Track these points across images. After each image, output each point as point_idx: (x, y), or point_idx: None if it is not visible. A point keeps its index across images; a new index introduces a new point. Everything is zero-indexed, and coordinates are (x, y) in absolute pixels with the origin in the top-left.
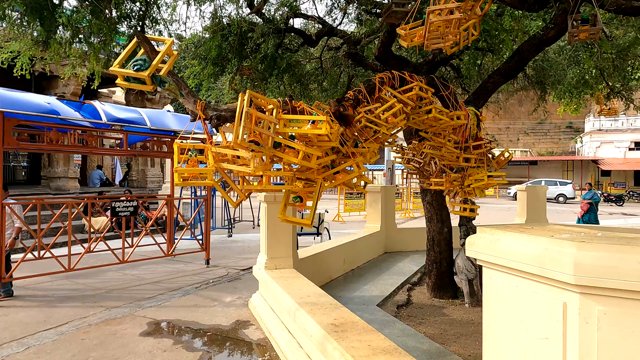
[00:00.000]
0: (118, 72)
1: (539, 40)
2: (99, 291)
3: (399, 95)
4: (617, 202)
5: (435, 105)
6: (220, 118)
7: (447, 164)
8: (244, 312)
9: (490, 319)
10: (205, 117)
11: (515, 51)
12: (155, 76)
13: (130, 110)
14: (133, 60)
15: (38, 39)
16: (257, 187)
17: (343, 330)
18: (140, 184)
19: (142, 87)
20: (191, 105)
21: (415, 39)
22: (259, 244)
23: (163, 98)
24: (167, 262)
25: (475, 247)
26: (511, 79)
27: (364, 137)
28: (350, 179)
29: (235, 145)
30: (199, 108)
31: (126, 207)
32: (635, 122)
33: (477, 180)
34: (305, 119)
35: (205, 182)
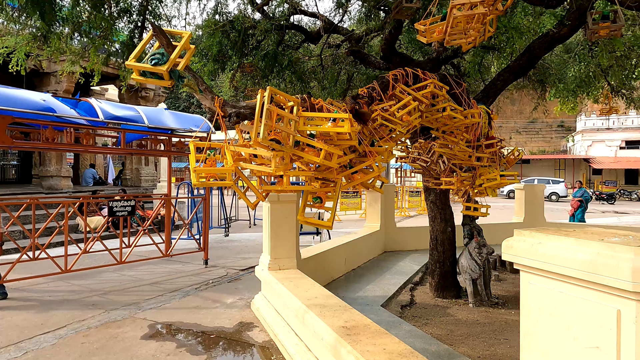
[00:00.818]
0: (134, 66)
1: (551, 37)
2: (96, 293)
3: (413, 92)
4: (609, 200)
5: (450, 103)
6: (240, 115)
7: (458, 163)
8: (246, 314)
9: (530, 326)
10: (224, 114)
11: (526, 49)
12: (174, 71)
13: (127, 108)
14: (150, 54)
15: (37, 34)
16: (276, 187)
17: (356, 333)
18: (134, 183)
19: (159, 83)
20: (209, 102)
21: (434, 34)
22: (256, 243)
23: (157, 96)
24: (165, 262)
25: (514, 251)
26: (521, 77)
27: (380, 135)
28: (369, 179)
29: (255, 143)
30: (217, 105)
31: (124, 206)
32: (625, 121)
33: (490, 179)
34: (327, 117)
35: (224, 183)
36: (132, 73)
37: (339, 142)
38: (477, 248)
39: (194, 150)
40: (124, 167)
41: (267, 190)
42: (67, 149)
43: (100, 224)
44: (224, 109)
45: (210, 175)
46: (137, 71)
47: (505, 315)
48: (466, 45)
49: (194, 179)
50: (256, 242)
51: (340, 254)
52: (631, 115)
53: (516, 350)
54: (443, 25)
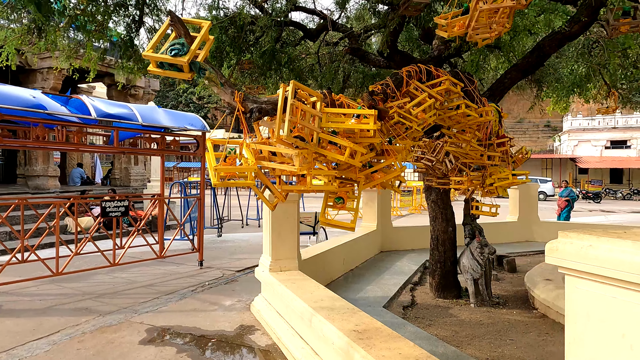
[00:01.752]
0: (152, 57)
1: (561, 35)
2: (89, 296)
3: (428, 89)
4: (595, 199)
5: (466, 101)
6: (262, 111)
7: (469, 162)
8: (246, 317)
9: (577, 334)
10: (244, 110)
11: (535, 47)
12: (195, 63)
13: (121, 106)
14: (169, 44)
15: (31, 26)
16: (298, 187)
17: (368, 337)
18: (123, 183)
19: (178, 75)
20: (228, 96)
21: (455, 29)
22: (250, 244)
23: (147, 94)
24: (158, 263)
25: (559, 254)
26: (529, 75)
27: (396, 133)
28: (390, 178)
29: (278, 141)
30: (238, 100)
31: (117, 207)
32: (611, 121)
33: (501, 178)
34: (352, 113)
35: (245, 183)
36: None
37: (361, 139)
38: (479, 248)
39: (212, 148)
40: (112, 166)
41: (287, 191)
42: (59, 148)
43: (90, 225)
44: (245, 104)
45: (230, 174)
46: (154, 63)
47: (508, 315)
48: (481, 42)
49: (213, 178)
50: (250, 242)
51: (339, 254)
52: (616, 115)
53: (523, 351)
54: (464, 20)
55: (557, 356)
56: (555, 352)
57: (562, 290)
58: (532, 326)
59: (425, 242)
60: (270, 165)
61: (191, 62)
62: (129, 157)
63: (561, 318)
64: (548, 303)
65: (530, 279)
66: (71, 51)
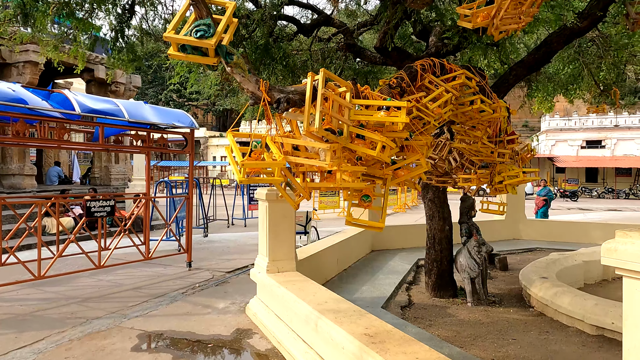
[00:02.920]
0: (174, 39)
1: (570, 31)
2: (73, 300)
3: (443, 83)
4: (572, 197)
5: (481, 96)
6: (290, 101)
7: (478, 160)
8: (242, 320)
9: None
10: (271, 100)
11: (542, 42)
12: (221, 46)
13: (106, 101)
14: (194, 25)
15: (17, 11)
16: (327, 184)
17: (381, 341)
18: (103, 182)
19: (202, 60)
20: (252, 85)
21: (479, 19)
22: (238, 244)
23: (128, 90)
24: (144, 265)
25: (618, 255)
26: (534, 72)
27: (415, 128)
28: (415, 175)
29: (307, 133)
30: (263, 89)
31: (102, 207)
32: (587, 121)
33: (511, 176)
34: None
35: (273, 179)
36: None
37: (388, 133)
38: (477, 246)
39: (234, 142)
40: (92, 165)
41: (312, 188)
42: (41, 145)
43: (70, 226)
44: (271, 94)
45: (255, 170)
46: (175, 45)
47: (505, 314)
48: (497, 35)
49: (238, 175)
50: (237, 242)
51: (333, 254)
52: (591, 116)
53: (527, 351)
54: (489, 10)
55: (560, 355)
56: (558, 351)
57: (560, 288)
58: (531, 325)
59: (416, 240)
60: (299, 161)
61: (218, 45)
62: (110, 155)
63: (559, 316)
64: (546, 301)
65: (526, 277)
66: (58, 40)
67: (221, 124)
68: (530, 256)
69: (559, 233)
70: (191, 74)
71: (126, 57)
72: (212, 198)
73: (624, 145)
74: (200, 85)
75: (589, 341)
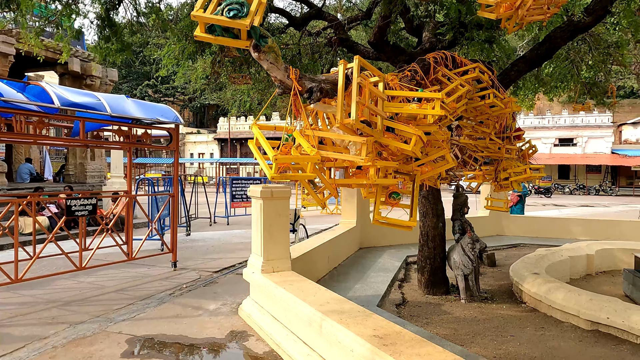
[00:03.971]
0: (204, 18)
1: (574, 26)
2: (53, 304)
3: (457, 77)
4: (546, 194)
5: (494, 90)
6: (322, 91)
7: (486, 156)
8: (236, 322)
9: None
10: (301, 89)
11: (546, 38)
12: (255, 28)
13: (86, 94)
14: (226, 3)
15: None
16: (358, 180)
17: (392, 342)
18: (78, 179)
19: (232, 43)
20: (281, 73)
21: (502, 10)
22: (222, 242)
23: (104, 84)
24: (127, 266)
25: None
26: (536, 68)
27: None
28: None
29: (341, 126)
30: (293, 77)
31: (83, 205)
32: (559, 120)
33: (517, 172)
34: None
35: (306, 176)
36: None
37: (418, 127)
38: (471, 243)
39: (261, 134)
40: (66, 161)
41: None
42: (16, 140)
43: (45, 225)
44: (301, 83)
45: (285, 165)
46: (202, 25)
47: (499, 310)
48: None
49: (269, 170)
50: (222, 241)
51: (324, 252)
52: (564, 114)
53: (527, 348)
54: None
55: (559, 351)
56: (556, 347)
57: (553, 284)
58: (526, 321)
59: (403, 237)
60: (335, 156)
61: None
62: (85, 152)
63: (553, 312)
64: (539, 297)
65: (517, 273)
66: (40, 28)
67: (198, 121)
68: (515, 252)
69: (541, 229)
70: (179, 67)
71: (115, 46)
72: (195, 195)
73: (594, 143)
74: (186, 79)
75: (585, 336)
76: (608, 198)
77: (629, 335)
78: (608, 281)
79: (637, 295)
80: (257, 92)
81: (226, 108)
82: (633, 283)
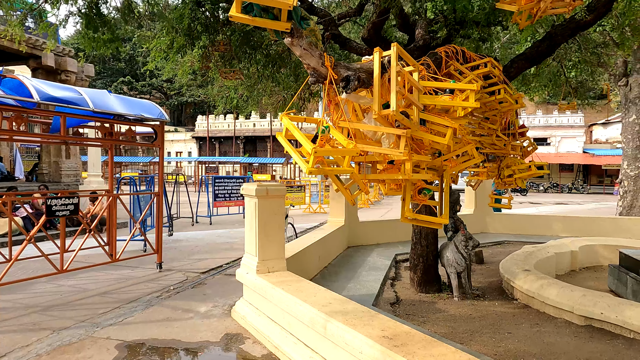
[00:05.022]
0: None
1: (575, 24)
2: (34, 309)
3: (468, 72)
4: (522, 192)
5: (505, 86)
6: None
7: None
8: (230, 324)
9: None
10: (337, 78)
11: (546, 35)
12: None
13: (67, 89)
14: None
15: None
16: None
17: (403, 343)
18: (52, 178)
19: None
20: (315, 60)
21: (523, 2)
22: (206, 242)
23: (80, 80)
24: (109, 268)
25: None
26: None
27: None
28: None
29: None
30: (329, 65)
31: (65, 205)
32: (534, 120)
33: (521, 169)
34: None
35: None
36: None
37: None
38: (464, 241)
39: (294, 126)
40: (40, 160)
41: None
42: None
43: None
44: (337, 71)
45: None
46: (239, 4)
47: (492, 307)
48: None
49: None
50: (206, 241)
51: (315, 251)
52: (538, 114)
53: (526, 345)
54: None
55: (557, 347)
56: (554, 342)
57: (545, 280)
58: (521, 317)
59: (391, 236)
60: (374, 149)
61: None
62: (60, 150)
63: (546, 308)
64: (532, 294)
65: (508, 270)
66: (23, 15)
67: (176, 119)
68: (500, 249)
69: (523, 226)
70: (168, 61)
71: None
72: (176, 194)
73: (567, 142)
74: (175, 73)
75: (579, 332)
76: (580, 196)
77: (622, 329)
78: (592, 277)
79: (623, 290)
80: (246, 88)
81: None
82: (618, 278)
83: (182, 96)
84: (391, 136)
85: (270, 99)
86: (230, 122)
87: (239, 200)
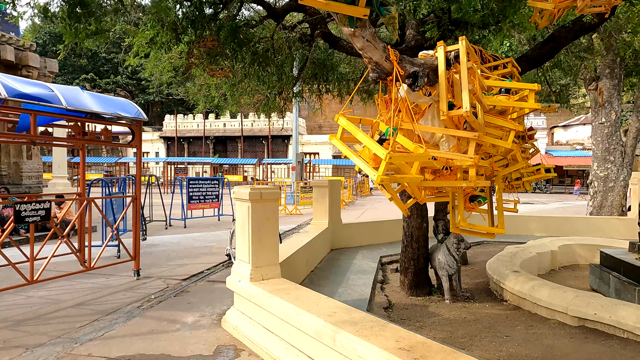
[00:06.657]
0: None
1: (580, 26)
2: (3, 324)
3: (488, 72)
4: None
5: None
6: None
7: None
8: (221, 335)
9: None
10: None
11: (550, 37)
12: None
13: (37, 85)
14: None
15: None
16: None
17: (422, 355)
18: (12, 180)
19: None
20: (378, 54)
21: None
22: (183, 247)
23: (42, 76)
24: (81, 277)
25: None
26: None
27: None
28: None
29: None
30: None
31: (35, 210)
32: None
33: (529, 173)
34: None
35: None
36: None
37: None
38: (456, 243)
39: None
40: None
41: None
42: None
43: None
44: (402, 66)
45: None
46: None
47: (484, 310)
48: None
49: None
50: (182, 245)
51: (303, 255)
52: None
53: (526, 348)
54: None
55: (556, 350)
56: (552, 345)
57: (536, 281)
58: (514, 319)
59: (373, 237)
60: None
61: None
62: (20, 150)
63: (538, 309)
64: (523, 295)
65: (496, 271)
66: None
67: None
68: (481, 249)
69: None
70: (150, 57)
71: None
72: (149, 197)
73: None
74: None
75: (574, 333)
76: (544, 196)
77: (615, 330)
78: (571, 275)
79: (605, 289)
80: (229, 86)
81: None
82: (600, 277)
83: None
84: (451, 139)
85: (252, 99)
86: (199, 122)
87: (214, 202)
